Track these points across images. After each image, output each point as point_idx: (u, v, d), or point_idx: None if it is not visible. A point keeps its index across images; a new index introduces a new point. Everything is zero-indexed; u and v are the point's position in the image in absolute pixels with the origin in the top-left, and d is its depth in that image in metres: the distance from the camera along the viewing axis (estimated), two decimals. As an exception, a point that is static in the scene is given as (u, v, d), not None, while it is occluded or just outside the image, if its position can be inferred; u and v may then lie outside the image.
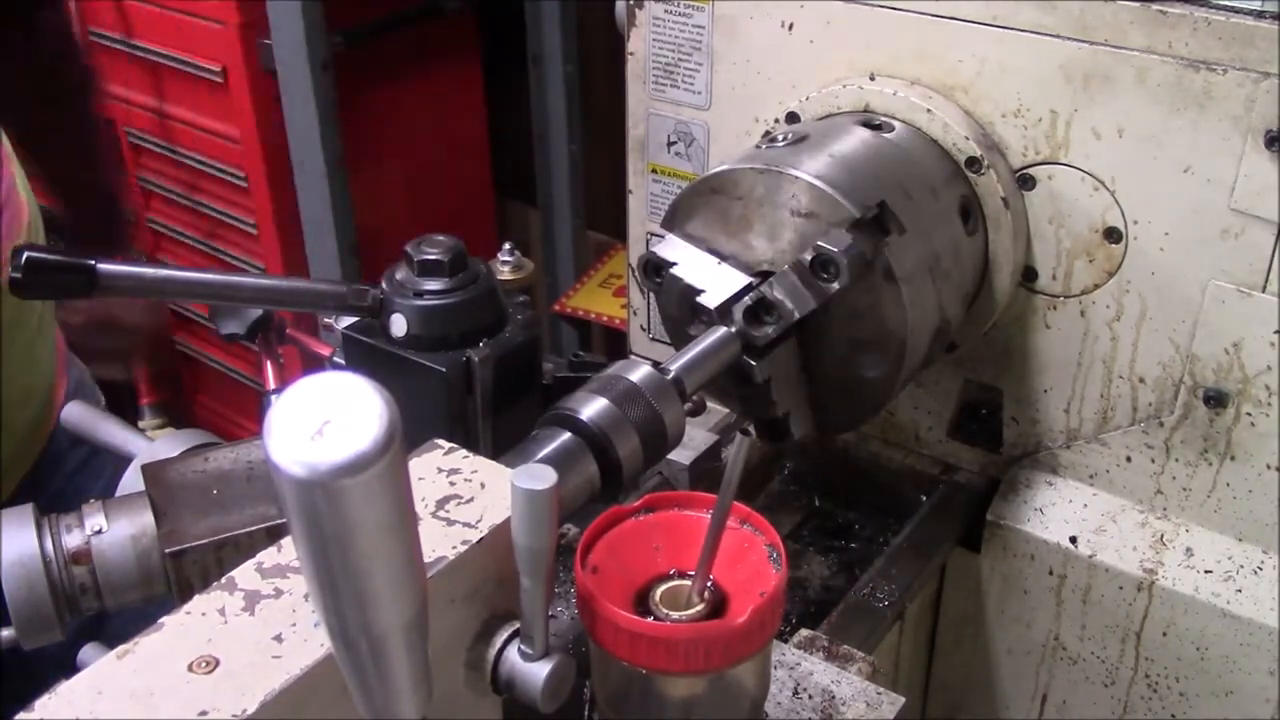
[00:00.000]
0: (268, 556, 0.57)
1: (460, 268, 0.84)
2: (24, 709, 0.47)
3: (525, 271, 0.99)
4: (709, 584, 0.61)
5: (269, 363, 0.95)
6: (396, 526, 0.44)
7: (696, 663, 0.58)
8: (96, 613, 0.69)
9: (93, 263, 0.78)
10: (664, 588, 0.61)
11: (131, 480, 0.79)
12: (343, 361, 0.88)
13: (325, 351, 0.93)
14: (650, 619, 0.59)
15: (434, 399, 0.82)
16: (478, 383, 0.83)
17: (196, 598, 0.55)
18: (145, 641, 0.52)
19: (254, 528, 0.67)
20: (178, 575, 0.66)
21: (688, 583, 0.61)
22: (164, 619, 0.53)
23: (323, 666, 0.51)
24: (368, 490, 0.41)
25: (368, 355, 0.85)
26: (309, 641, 0.52)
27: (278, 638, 0.52)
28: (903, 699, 0.72)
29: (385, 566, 0.44)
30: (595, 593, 0.58)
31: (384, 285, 0.85)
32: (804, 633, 0.80)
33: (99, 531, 0.66)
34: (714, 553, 0.60)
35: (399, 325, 0.83)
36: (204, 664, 0.51)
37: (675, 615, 0.59)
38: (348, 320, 0.87)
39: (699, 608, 0.60)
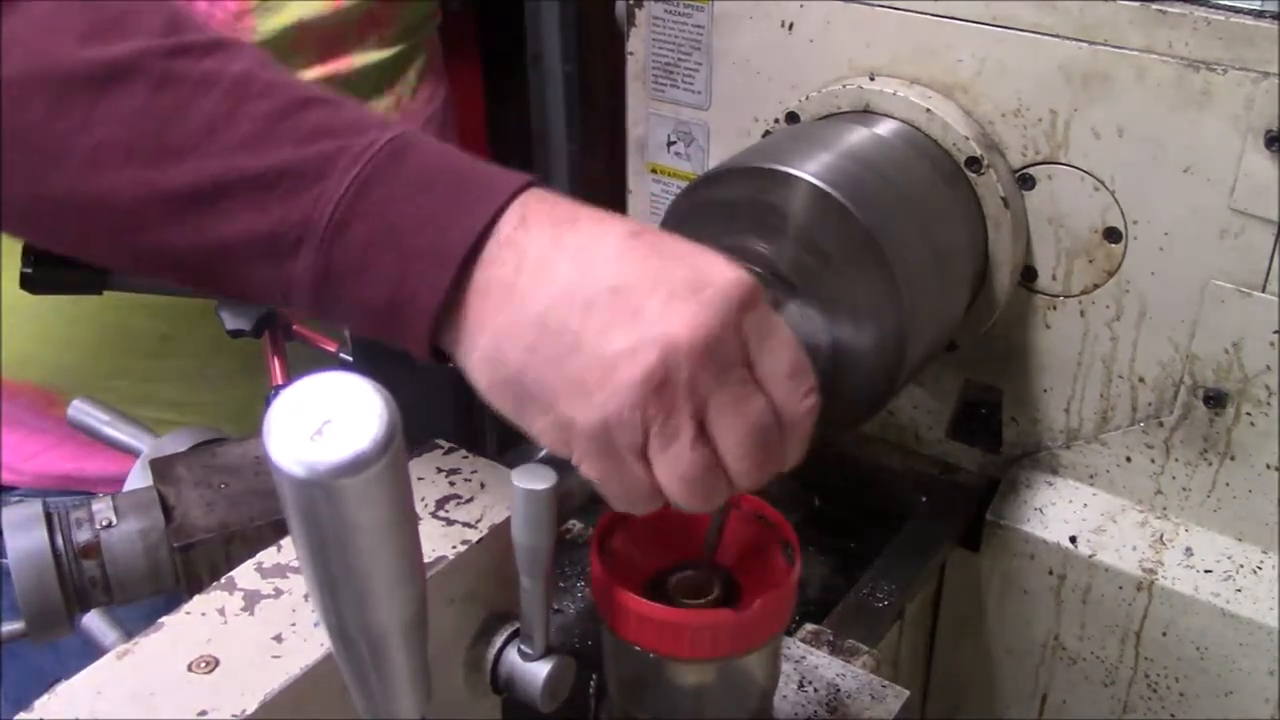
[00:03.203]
0: (267, 556, 0.58)
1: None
2: None
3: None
4: (723, 575, 0.62)
5: (275, 359, 0.95)
6: (396, 526, 0.44)
7: (704, 649, 0.59)
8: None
9: None
10: (680, 576, 0.62)
11: (139, 475, 0.80)
12: (350, 358, 0.88)
13: (331, 348, 0.93)
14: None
15: (440, 394, 0.83)
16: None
17: (196, 598, 0.55)
18: (145, 641, 0.52)
19: (262, 521, 0.67)
20: (186, 569, 0.66)
21: (704, 571, 0.62)
22: (164, 619, 0.53)
23: (322, 666, 0.51)
24: (367, 490, 0.41)
25: (374, 350, 0.85)
26: (309, 641, 0.52)
27: (277, 638, 0.52)
28: (907, 692, 0.72)
29: (385, 566, 0.44)
30: (609, 577, 0.59)
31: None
32: (809, 627, 0.81)
33: (108, 525, 0.66)
34: (721, 531, 0.61)
35: (405, 321, 0.83)
36: (204, 664, 0.51)
37: (688, 603, 0.60)
38: None
39: (712, 595, 0.61)
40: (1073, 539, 0.92)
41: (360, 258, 0.55)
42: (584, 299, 0.53)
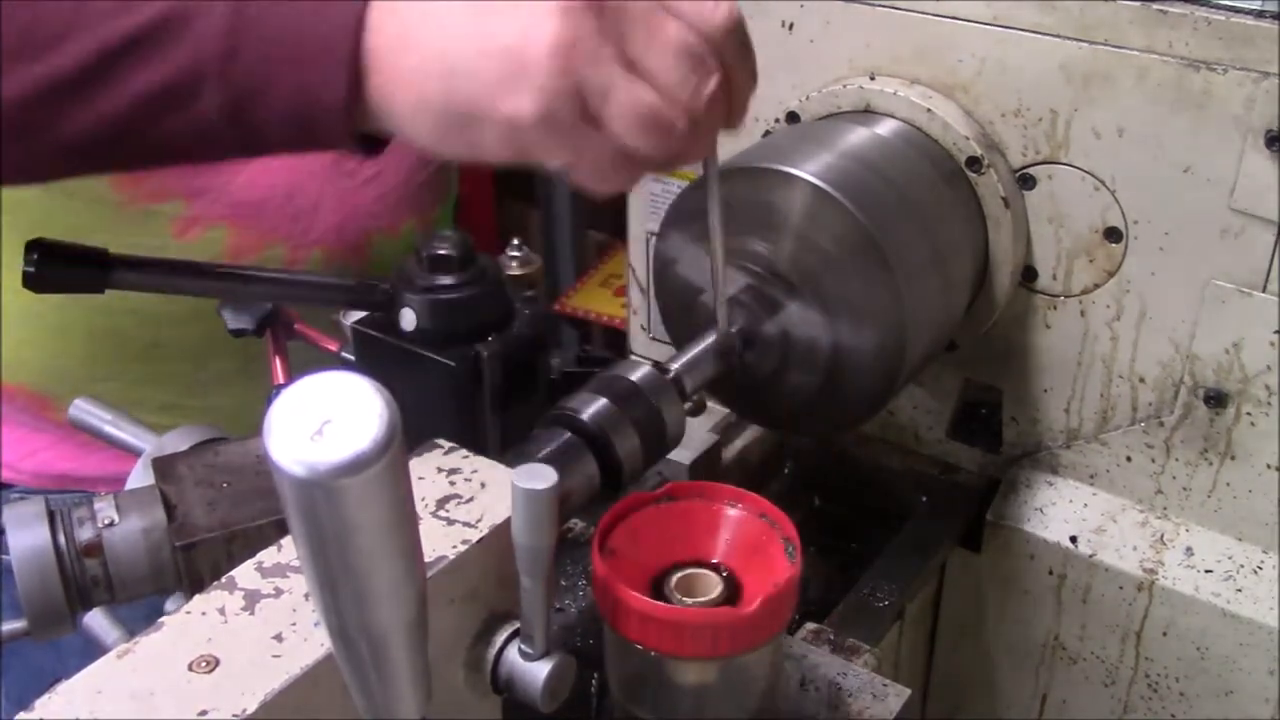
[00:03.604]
0: (268, 556, 0.58)
1: (469, 262, 0.84)
2: None
3: (532, 266, 0.99)
4: (724, 573, 0.62)
5: (277, 358, 0.95)
6: (396, 526, 0.44)
7: (704, 647, 0.59)
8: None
9: (104, 255, 0.78)
10: (680, 574, 0.62)
11: (141, 474, 0.80)
12: (352, 356, 0.89)
13: (333, 347, 0.94)
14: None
15: (442, 393, 0.83)
16: (486, 377, 0.83)
17: (196, 597, 0.55)
18: (145, 641, 0.52)
19: (264, 520, 0.67)
20: (188, 568, 0.66)
21: (705, 571, 0.62)
22: (164, 619, 0.53)
23: (323, 666, 0.51)
24: (367, 490, 0.41)
25: (377, 349, 0.85)
26: (309, 641, 0.52)
27: (278, 637, 0.52)
28: (909, 690, 0.72)
29: (385, 566, 0.44)
30: (610, 575, 0.59)
31: (393, 280, 0.85)
32: (810, 626, 0.81)
33: (110, 524, 0.67)
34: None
35: (408, 319, 0.83)
36: (204, 664, 0.51)
37: (689, 601, 0.60)
38: (356, 315, 0.87)
39: (713, 595, 0.61)
40: (1073, 539, 0.92)
41: (257, 76, 0.57)
42: (475, 7, 0.56)
